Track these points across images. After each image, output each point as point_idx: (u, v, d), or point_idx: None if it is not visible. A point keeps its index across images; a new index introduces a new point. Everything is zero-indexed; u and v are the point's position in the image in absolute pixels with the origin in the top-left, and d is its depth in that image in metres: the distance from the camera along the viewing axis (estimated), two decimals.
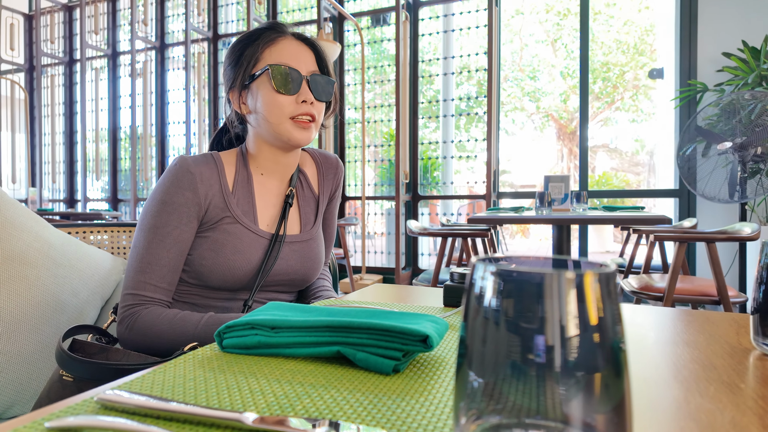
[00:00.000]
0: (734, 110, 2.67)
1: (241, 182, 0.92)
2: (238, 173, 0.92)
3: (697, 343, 0.53)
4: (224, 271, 0.85)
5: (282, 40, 0.89)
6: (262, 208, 0.93)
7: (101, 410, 0.36)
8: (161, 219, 0.81)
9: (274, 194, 0.95)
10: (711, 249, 1.76)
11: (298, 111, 0.87)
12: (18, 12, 5.31)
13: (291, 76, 0.87)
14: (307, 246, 0.95)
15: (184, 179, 0.83)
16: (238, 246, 0.86)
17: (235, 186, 0.91)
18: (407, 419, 0.35)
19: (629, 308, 0.70)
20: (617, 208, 2.76)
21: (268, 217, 0.94)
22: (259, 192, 0.94)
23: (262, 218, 0.92)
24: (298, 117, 0.87)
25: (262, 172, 0.95)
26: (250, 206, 0.91)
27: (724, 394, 0.39)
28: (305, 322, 0.48)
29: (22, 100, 5.38)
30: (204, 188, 0.85)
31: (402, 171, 3.72)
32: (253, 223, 0.90)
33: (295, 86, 0.87)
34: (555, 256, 0.27)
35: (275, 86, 0.86)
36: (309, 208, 1.00)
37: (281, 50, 0.88)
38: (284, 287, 0.93)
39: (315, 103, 0.89)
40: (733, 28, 3.21)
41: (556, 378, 0.22)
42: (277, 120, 0.87)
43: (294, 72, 0.87)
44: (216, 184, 0.88)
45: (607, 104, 10.02)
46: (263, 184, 0.95)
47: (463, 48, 4.24)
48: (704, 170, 2.83)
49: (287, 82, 0.86)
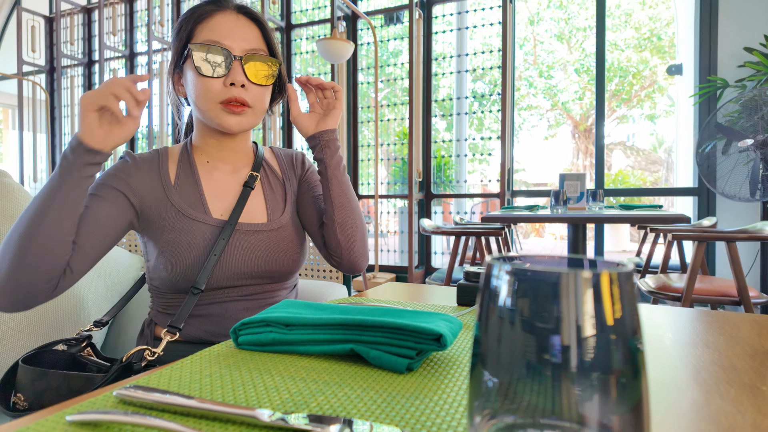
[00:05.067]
0: (756, 106, 2.61)
1: (184, 173, 0.86)
2: (181, 165, 0.86)
3: (717, 344, 0.52)
4: (186, 271, 0.79)
5: (218, 15, 0.81)
6: (213, 198, 0.85)
7: (120, 405, 0.36)
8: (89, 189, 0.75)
9: (226, 182, 0.88)
10: (731, 249, 1.73)
11: (226, 95, 0.79)
12: (39, 14, 5.42)
13: (218, 56, 0.78)
14: (276, 235, 0.86)
15: (122, 166, 0.81)
16: (191, 241, 0.79)
17: (177, 178, 0.85)
18: (421, 417, 0.35)
19: (647, 308, 0.69)
20: (634, 207, 2.71)
21: (223, 207, 0.85)
22: (207, 181, 0.86)
23: (215, 208, 0.85)
24: (227, 102, 0.79)
25: (208, 160, 0.88)
26: (197, 197, 0.84)
27: (745, 396, 0.39)
28: (319, 320, 0.49)
29: (43, 101, 5.50)
30: (139, 178, 0.81)
31: (415, 169, 3.71)
32: (204, 214, 0.83)
33: (222, 68, 0.78)
34: (571, 255, 0.26)
35: (196, 68, 0.78)
36: (276, 195, 0.92)
37: (213, 27, 0.79)
38: (264, 279, 0.85)
39: (248, 86, 0.80)
40: (754, 22, 3.13)
41: (572, 378, 0.22)
42: (204, 105, 0.80)
43: (223, 51, 0.78)
44: (155, 176, 0.82)
45: (624, 101, 9.87)
46: (210, 172, 0.88)
47: (477, 46, 4.21)
48: (724, 168, 2.77)
49: (212, 64, 0.78)
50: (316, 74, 4.60)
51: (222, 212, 0.85)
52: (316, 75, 4.61)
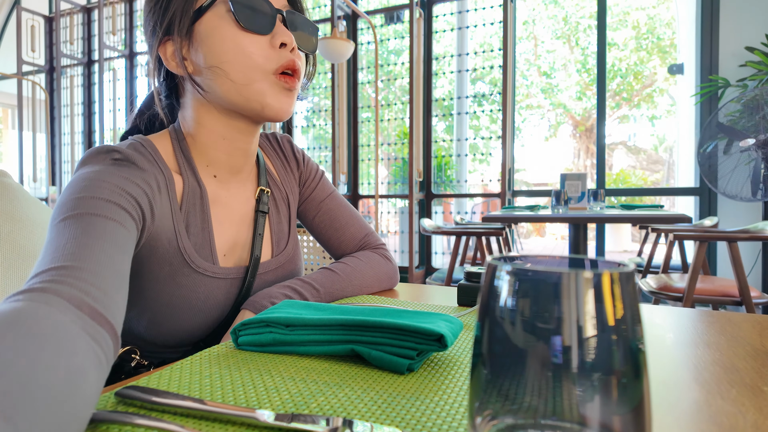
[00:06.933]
0: (758, 106, 2.61)
1: (191, 195, 0.60)
2: (186, 180, 0.60)
3: (719, 344, 0.52)
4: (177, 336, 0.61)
5: None
6: (219, 232, 0.63)
7: (119, 406, 0.36)
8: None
9: (231, 208, 0.65)
10: (733, 249, 1.72)
11: (280, 61, 0.57)
12: (38, 14, 5.42)
13: (259, 7, 0.56)
14: (281, 271, 0.69)
15: (133, 174, 0.55)
16: (193, 302, 0.59)
17: (184, 202, 0.59)
18: (421, 418, 0.34)
19: (648, 308, 0.69)
20: (635, 207, 2.71)
21: (225, 242, 0.63)
22: (215, 209, 0.63)
23: (220, 245, 0.63)
24: (282, 71, 0.57)
25: (215, 173, 0.63)
26: (206, 234, 0.61)
27: (746, 397, 0.38)
28: (320, 320, 0.48)
29: (43, 100, 5.50)
30: (158, 198, 0.56)
31: (416, 169, 3.71)
32: (210, 261, 0.61)
33: (267, 23, 0.57)
34: (572, 255, 0.26)
35: (238, 20, 0.54)
36: (281, 213, 0.71)
37: None
38: None
39: (296, 51, 0.59)
40: (756, 22, 3.13)
41: (573, 379, 0.22)
42: (244, 76, 0.56)
43: (262, 2, 0.56)
44: (164, 197, 0.57)
45: (625, 101, 9.86)
46: (218, 195, 0.63)
47: (477, 45, 4.21)
48: (726, 168, 2.77)
49: (255, 16, 0.56)
50: (316, 74, 4.59)
51: (225, 251, 0.64)
52: (316, 75, 4.60)
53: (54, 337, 0.31)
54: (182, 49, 0.58)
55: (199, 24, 0.57)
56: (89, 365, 0.32)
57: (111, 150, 0.54)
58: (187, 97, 0.62)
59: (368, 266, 0.75)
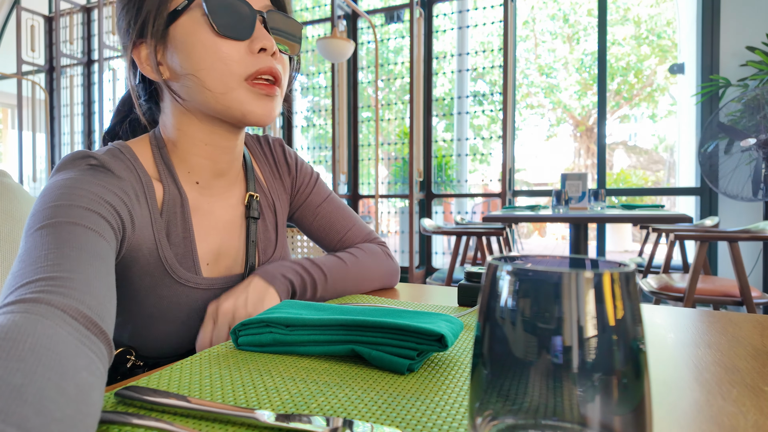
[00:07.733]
0: (758, 106, 2.60)
1: (171, 204, 0.58)
2: (167, 188, 0.58)
3: (719, 344, 0.52)
4: (162, 349, 0.60)
5: None
6: (201, 240, 0.61)
7: (120, 406, 0.36)
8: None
9: (215, 215, 0.63)
10: (734, 248, 1.72)
11: (256, 66, 0.54)
12: (38, 14, 5.42)
13: (237, 9, 0.53)
14: None
15: (110, 181, 0.53)
16: (176, 314, 0.58)
17: (164, 210, 0.58)
18: (421, 418, 0.34)
19: (649, 308, 0.69)
20: (636, 207, 2.71)
21: (209, 252, 0.61)
22: (197, 217, 0.61)
23: (203, 255, 0.61)
24: (257, 77, 0.55)
25: (198, 179, 0.61)
26: (188, 243, 0.59)
27: (747, 397, 0.38)
28: (320, 321, 0.48)
29: (43, 100, 5.50)
30: (137, 207, 0.54)
31: (416, 169, 3.71)
32: (193, 272, 0.59)
33: (245, 27, 0.54)
34: (572, 255, 0.26)
35: (213, 25, 0.52)
36: (267, 220, 0.69)
37: None
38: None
39: (278, 55, 0.56)
40: (757, 21, 3.13)
41: (573, 379, 0.22)
42: (222, 84, 0.53)
43: (243, 4, 0.54)
44: (143, 204, 0.55)
45: (626, 100, 9.86)
46: (201, 202, 0.62)
47: (478, 44, 4.21)
48: (727, 167, 2.76)
49: (232, 20, 0.53)
50: (316, 73, 4.60)
51: (208, 260, 0.62)
52: (316, 74, 4.61)
53: (56, 353, 0.30)
54: (157, 53, 0.55)
55: (174, 27, 0.54)
56: (93, 378, 0.32)
57: (87, 156, 0.53)
58: (166, 102, 0.60)
59: (372, 259, 0.76)
